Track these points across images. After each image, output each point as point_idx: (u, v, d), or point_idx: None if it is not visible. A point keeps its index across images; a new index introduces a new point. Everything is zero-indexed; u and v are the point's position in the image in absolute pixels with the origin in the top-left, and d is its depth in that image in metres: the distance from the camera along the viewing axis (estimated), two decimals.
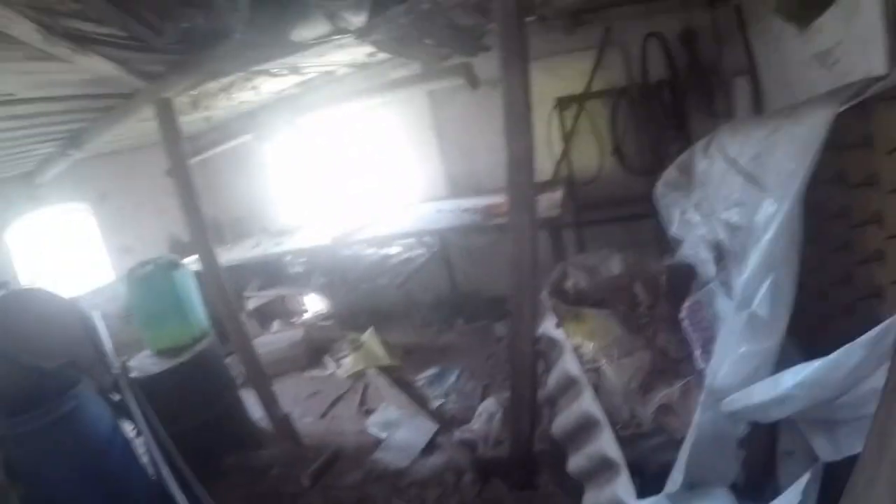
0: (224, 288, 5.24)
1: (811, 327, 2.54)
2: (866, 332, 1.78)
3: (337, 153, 8.63)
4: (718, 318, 2.89)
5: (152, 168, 7.80)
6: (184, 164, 5.07)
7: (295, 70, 5.98)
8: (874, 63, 3.00)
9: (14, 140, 5.34)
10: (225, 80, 5.51)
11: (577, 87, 6.76)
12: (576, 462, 3.19)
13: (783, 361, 2.24)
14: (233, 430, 5.52)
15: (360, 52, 5.88)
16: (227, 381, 5.71)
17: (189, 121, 6.19)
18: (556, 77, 6.72)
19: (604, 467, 2.86)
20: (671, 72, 6.36)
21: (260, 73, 5.63)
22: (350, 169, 8.60)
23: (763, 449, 2.44)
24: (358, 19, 3.71)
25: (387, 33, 4.13)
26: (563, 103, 6.77)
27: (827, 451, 2.11)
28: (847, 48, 3.61)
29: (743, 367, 2.28)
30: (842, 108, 2.17)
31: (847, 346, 1.80)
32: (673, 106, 6.40)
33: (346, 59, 6.27)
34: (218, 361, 5.58)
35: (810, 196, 2.28)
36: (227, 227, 8.86)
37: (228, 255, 7.31)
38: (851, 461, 1.48)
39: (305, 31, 3.80)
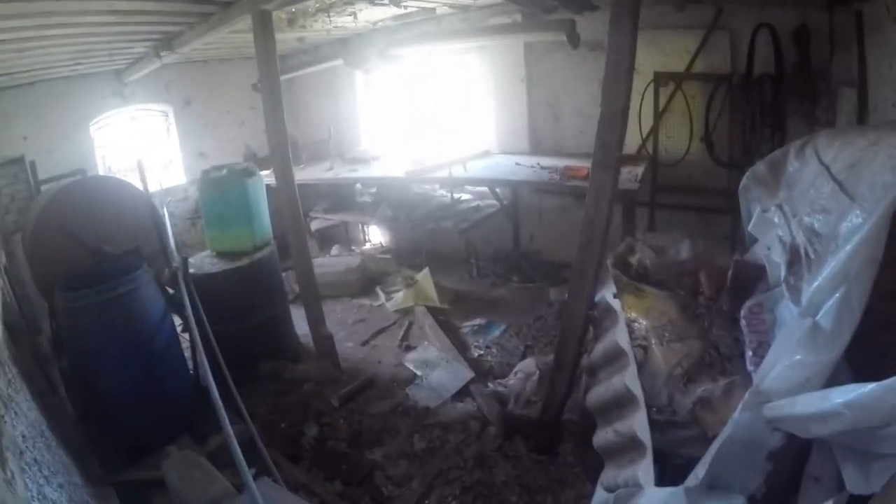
0: (296, 203, 5.36)
1: (869, 358, 2.46)
2: None
3: (424, 91, 8.65)
4: (778, 323, 2.80)
5: (236, 81, 8.15)
6: (274, 80, 5.14)
7: (396, 2, 5.95)
8: None
9: (111, 35, 5.51)
10: (325, 1, 5.55)
11: (677, 65, 6.54)
12: (603, 436, 3.18)
13: (833, 380, 2.17)
14: (276, 340, 5.70)
15: None
16: (280, 292, 5.88)
17: (282, 38, 6.27)
18: (658, 51, 6.54)
19: (630, 447, 2.85)
20: (777, 68, 6.03)
21: None
22: (434, 108, 8.61)
23: (791, 467, 2.37)
24: None
25: None
26: (660, 79, 6.54)
27: (857, 482, 2.01)
28: None
29: (794, 375, 2.20)
30: None
31: None
32: (773, 104, 6.10)
33: None
34: (274, 272, 5.74)
35: None
36: (304, 148, 9.01)
37: (301, 174, 7.40)
38: None
39: None
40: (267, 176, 5.87)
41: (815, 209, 2.79)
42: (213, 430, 4.08)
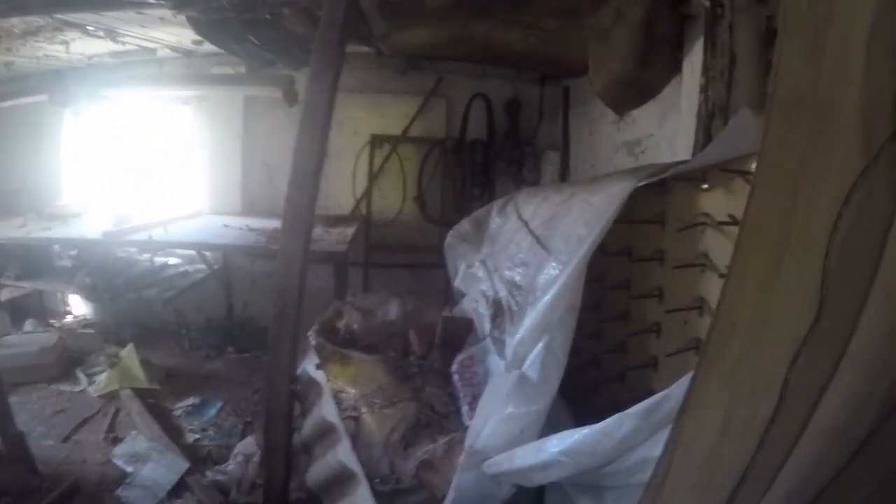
0: None
1: (583, 392, 2.53)
2: (637, 400, 1.77)
3: (136, 140, 7.85)
4: (490, 375, 2.83)
5: None
6: None
7: (112, 35, 5.55)
8: (679, 155, 3.17)
9: None
10: (32, 23, 5.01)
11: (395, 128, 6.75)
12: None
13: (552, 425, 2.20)
14: None
15: (185, 35, 5.56)
16: None
17: None
18: (378, 114, 6.73)
19: None
20: (489, 134, 6.61)
21: (73, 26, 5.16)
22: (145, 161, 7.85)
23: None
24: None
25: (206, 14, 3.80)
26: (377, 141, 6.72)
27: None
28: (656, 140, 3.92)
29: (508, 429, 2.20)
30: (640, 184, 2.20)
31: (618, 415, 1.78)
32: (483, 166, 6.61)
33: (171, 39, 5.95)
34: None
35: (595, 266, 2.28)
36: None
37: None
38: None
39: None
40: None
41: (516, 263, 2.89)
42: None
